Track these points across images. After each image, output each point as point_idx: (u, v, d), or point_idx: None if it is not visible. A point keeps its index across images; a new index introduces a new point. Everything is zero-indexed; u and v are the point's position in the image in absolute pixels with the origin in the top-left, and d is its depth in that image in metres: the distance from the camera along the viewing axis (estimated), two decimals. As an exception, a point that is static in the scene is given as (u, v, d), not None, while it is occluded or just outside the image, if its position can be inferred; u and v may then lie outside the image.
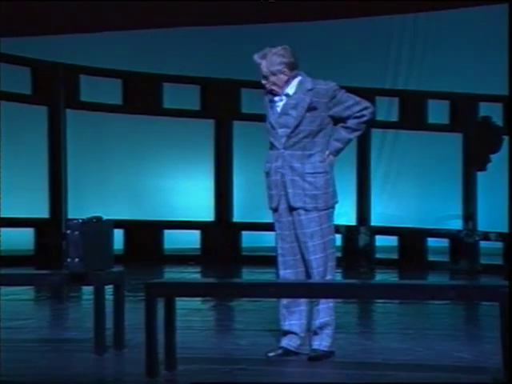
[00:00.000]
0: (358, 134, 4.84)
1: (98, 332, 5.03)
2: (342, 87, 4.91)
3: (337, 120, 4.84)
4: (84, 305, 7.03)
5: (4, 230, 9.87)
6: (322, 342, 4.82)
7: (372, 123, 10.07)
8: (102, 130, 10.59)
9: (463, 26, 10.41)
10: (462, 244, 9.59)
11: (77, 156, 10.35)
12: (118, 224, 6.54)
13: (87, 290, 6.58)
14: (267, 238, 7.27)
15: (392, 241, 10.09)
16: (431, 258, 9.89)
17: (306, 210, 4.77)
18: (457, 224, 9.79)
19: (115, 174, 10.72)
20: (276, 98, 4.84)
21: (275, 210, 4.86)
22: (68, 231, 5.00)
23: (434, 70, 10.55)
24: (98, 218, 5.12)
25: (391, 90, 10.55)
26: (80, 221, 5.04)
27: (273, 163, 4.82)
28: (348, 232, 10.20)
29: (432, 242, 9.92)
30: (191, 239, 10.23)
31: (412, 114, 9.98)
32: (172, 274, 9.43)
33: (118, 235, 8.75)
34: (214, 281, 4.97)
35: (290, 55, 4.84)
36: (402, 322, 6.28)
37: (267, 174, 4.86)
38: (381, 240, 10.19)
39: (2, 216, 9.72)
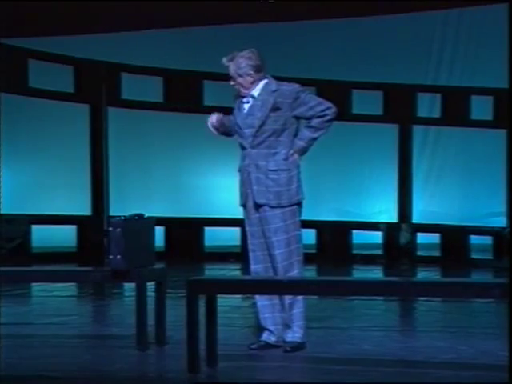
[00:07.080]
0: (321, 132, 5.00)
1: (140, 328, 5.06)
2: (385, 84, 4.91)
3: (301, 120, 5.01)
4: (126, 301, 7.08)
5: (47, 226, 9.98)
6: (294, 335, 4.96)
7: (414, 119, 10.12)
8: (144, 128, 10.64)
9: (507, 20, 10.26)
10: (506, 241, 9.46)
11: (118, 153, 10.41)
12: (160, 221, 6.57)
13: (129, 287, 6.62)
14: (307, 235, 7.24)
15: (434, 238, 9.99)
16: (474, 255, 9.78)
17: (270, 206, 4.95)
18: (500, 221, 9.67)
19: (156, 171, 10.77)
20: (244, 100, 5.03)
21: (244, 207, 5.05)
22: (110, 228, 5.03)
23: (477, 66, 10.42)
24: (140, 216, 5.14)
25: (433, 86, 10.44)
26: (122, 218, 5.06)
27: (242, 162, 5.06)
28: (389, 229, 10.13)
29: (475, 239, 9.81)
30: (231, 236, 10.23)
31: (455, 111, 9.88)
32: (212, 271, 9.44)
33: (159, 232, 8.78)
34: (255, 278, 4.95)
35: (257, 58, 5.03)
36: (445, 320, 6.22)
37: (239, 172, 5.10)
38: (422, 237, 10.10)
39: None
